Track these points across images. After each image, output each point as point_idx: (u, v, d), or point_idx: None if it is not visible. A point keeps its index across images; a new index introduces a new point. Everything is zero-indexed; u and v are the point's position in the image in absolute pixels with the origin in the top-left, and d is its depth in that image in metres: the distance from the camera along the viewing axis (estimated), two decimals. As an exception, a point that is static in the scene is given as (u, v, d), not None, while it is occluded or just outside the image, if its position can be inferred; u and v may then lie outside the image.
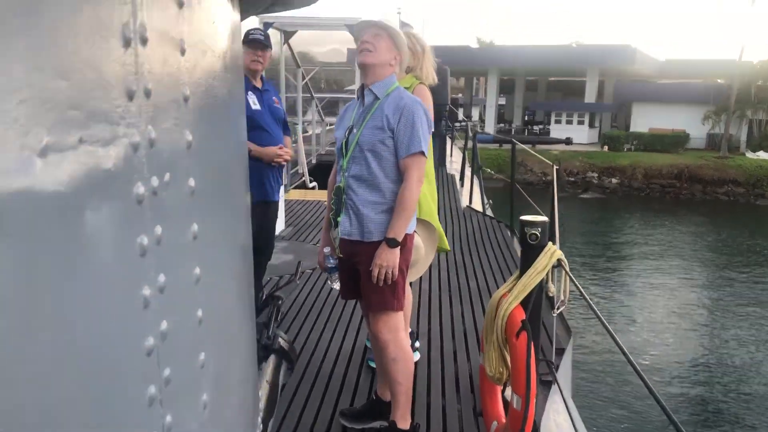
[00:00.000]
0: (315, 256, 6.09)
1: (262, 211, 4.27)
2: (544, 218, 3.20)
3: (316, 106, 14.97)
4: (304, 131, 14.47)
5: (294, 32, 10.98)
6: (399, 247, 2.92)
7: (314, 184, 11.91)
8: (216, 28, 1.11)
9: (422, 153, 2.93)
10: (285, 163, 4.46)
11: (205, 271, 1.03)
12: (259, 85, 4.35)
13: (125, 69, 0.77)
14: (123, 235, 0.77)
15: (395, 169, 2.96)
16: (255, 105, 4.24)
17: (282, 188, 8.33)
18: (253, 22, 9.85)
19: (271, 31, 10.50)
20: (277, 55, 11.93)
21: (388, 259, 2.89)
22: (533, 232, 3.12)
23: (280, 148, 4.32)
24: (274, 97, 4.47)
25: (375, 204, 2.95)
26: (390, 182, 2.95)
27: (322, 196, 10.47)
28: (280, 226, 8.01)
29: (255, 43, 4.25)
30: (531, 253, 3.16)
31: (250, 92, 4.24)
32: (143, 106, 0.81)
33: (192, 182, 0.97)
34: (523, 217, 3.20)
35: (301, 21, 10.40)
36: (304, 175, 11.90)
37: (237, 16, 1.34)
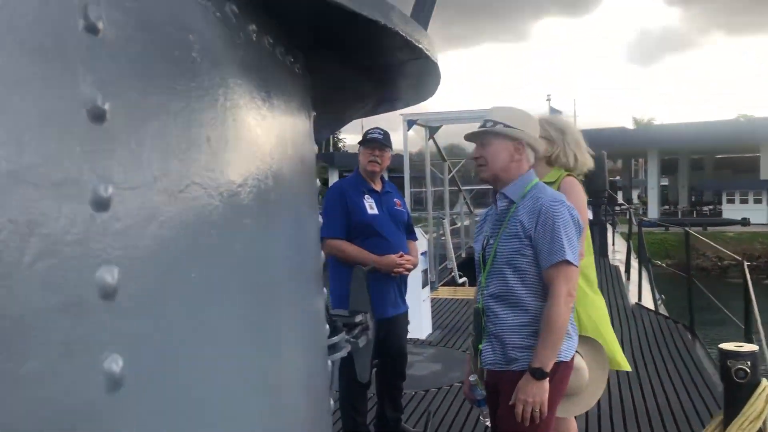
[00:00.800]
0: (465, 365, 5.49)
1: (386, 329, 3.82)
2: (753, 347, 2.46)
3: (464, 198, 14.67)
4: (453, 223, 14.15)
5: (438, 127, 10.88)
6: (547, 378, 2.46)
7: (464, 279, 11.42)
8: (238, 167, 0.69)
9: (567, 262, 2.48)
10: (407, 273, 4.02)
11: None
12: (378, 187, 4.06)
13: None
14: None
15: (540, 284, 2.53)
16: (372, 209, 3.93)
17: (428, 287, 7.91)
18: (395, 119, 9.86)
19: (416, 128, 10.47)
20: (423, 150, 11.86)
21: (534, 394, 2.45)
22: (740, 367, 2.39)
23: (401, 255, 3.91)
24: (395, 199, 4.15)
25: (520, 327, 2.55)
26: (535, 299, 2.55)
27: (473, 293, 9.90)
28: (426, 329, 7.53)
29: (372, 143, 4.00)
30: (738, 392, 2.42)
31: (367, 196, 3.96)
32: None
33: None
34: (725, 346, 2.48)
35: (444, 116, 10.32)
36: (453, 271, 11.44)
37: (301, 123, 0.95)
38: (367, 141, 4.01)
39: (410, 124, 9.89)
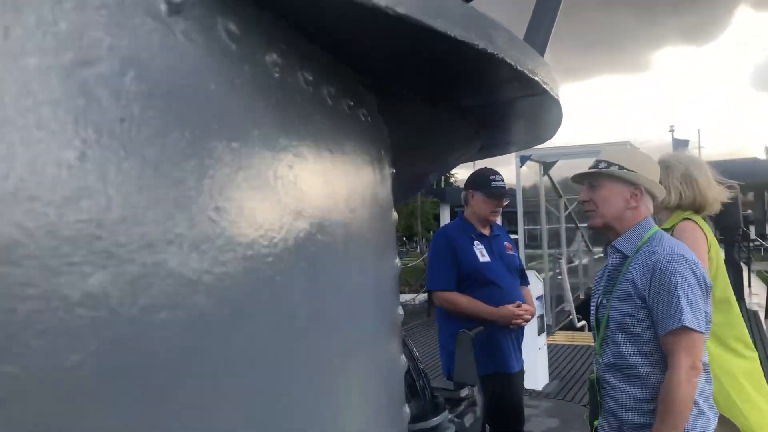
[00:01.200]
0: (586, 422, 4.97)
1: (501, 386, 3.45)
2: None
3: (582, 236, 13.93)
4: (570, 262, 13.42)
5: (554, 162, 10.39)
6: None
7: (583, 323, 10.70)
8: None
9: (687, 329, 2.14)
10: (525, 324, 3.64)
11: None
12: (486, 231, 3.73)
13: None
14: None
15: (660, 352, 2.22)
16: (483, 257, 3.61)
17: (544, 333, 7.37)
18: (508, 156, 9.49)
19: (529, 164, 10.04)
20: (537, 185, 11.39)
21: None
22: None
23: (518, 305, 3.54)
24: (506, 243, 3.81)
25: (639, 403, 2.24)
26: (655, 370, 2.23)
27: (592, 338, 9.22)
28: (543, 379, 7.02)
29: (497, 193, 3.66)
30: None
31: (476, 242, 3.65)
32: None
33: None
34: None
35: (560, 151, 9.84)
36: (570, 314, 10.75)
37: (367, 185, 0.70)
38: (491, 190, 3.66)
39: (523, 160, 9.50)
